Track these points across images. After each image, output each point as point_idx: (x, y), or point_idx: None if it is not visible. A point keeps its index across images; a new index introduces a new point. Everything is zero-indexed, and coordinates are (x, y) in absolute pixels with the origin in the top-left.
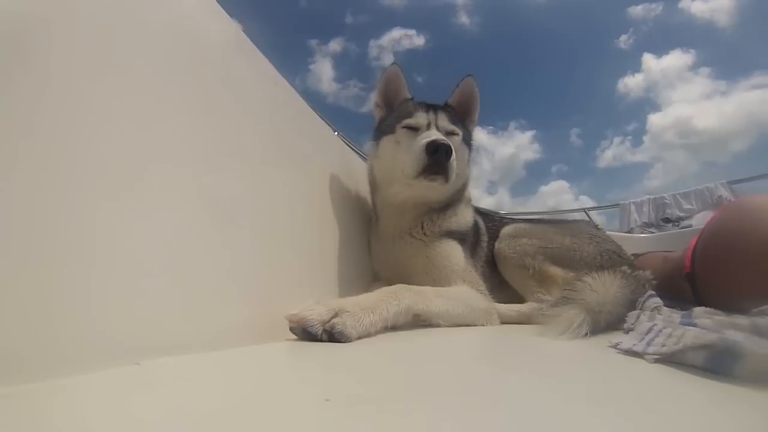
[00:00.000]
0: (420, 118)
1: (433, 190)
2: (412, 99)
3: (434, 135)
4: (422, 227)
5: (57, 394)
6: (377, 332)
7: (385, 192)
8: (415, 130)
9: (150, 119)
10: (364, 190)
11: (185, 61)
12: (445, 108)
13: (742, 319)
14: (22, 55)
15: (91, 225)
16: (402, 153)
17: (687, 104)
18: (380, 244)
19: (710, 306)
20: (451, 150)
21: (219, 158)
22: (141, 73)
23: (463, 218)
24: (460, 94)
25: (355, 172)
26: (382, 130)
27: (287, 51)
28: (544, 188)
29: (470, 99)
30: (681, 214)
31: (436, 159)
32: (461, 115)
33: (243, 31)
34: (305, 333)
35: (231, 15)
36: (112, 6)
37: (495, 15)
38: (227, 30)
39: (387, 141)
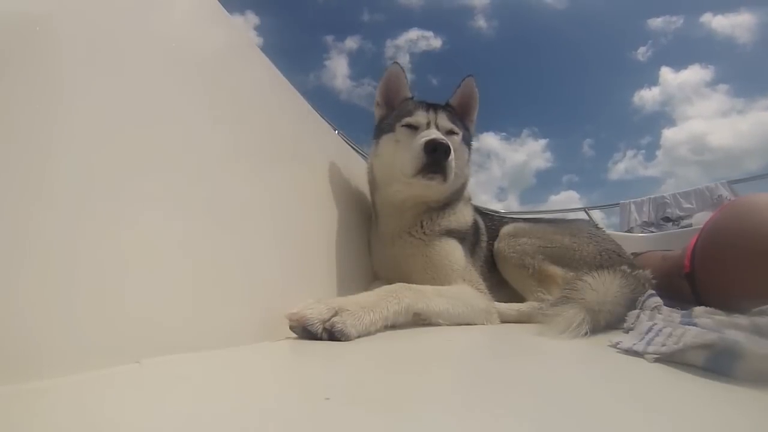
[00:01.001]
0: (420, 116)
1: (432, 189)
2: (412, 98)
3: (433, 134)
4: (422, 226)
5: (57, 392)
6: (377, 331)
7: (385, 191)
8: (414, 128)
9: (151, 119)
10: (365, 189)
11: (185, 61)
12: (446, 107)
13: (742, 319)
14: (22, 55)
15: (92, 224)
16: (401, 151)
17: (703, 120)
18: (380, 243)
19: (710, 305)
20: (450, 149)
21: (219, 158)
22: (141, 73)
23: (463, 217)
24: (461, 94)
25: (356, 172)
26: (382, 128)
27: (303, 46)
28: (554, 197)
29: (470, 99)
30: (681, 214)
31: (435, 158)
32: (462, 115)
33: (259, 25)
34: (305, 332)
35: (247, 9)
36: (111, 6)
37: (512, 20)
38: (227, 30)
39: (387, 139)
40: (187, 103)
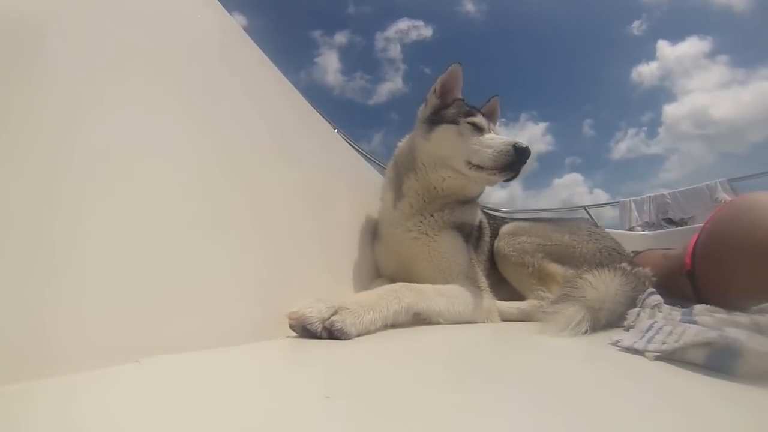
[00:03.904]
0: (483, 120)
1: (488, 183)
2: (463, 100)
3: (512, 139)
4: (442, 212)
5: (57, 391)
6: (377, 330)
7: (426, 173)
8: (479, 129)
9: (150, 118)
10: (365, 188)
11: (182, 58)
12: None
13: (742, 317)
14: (16, 52)
15: (92, 223)
16: (471, 144)
17: (703, 93)
18: (393, 224)
19: (711, 304)
20: (530, 155)
21: (218, 156)
22: (138, 70)
23: (475, 214)
24: (488, 108)
25: (355, 170)
26: (441, 117)
27: (292, 44)
28: (557, 181)
29: (494, 115)
30: (684, 216)
31: (519, 159)
32: None
33: (246, 26)
34: (305, 330)
35: (234, 10)
36: (109, 3)
37: (501, 1)
38: (225, 26)
39: (447, 129)
40: (187, 101)
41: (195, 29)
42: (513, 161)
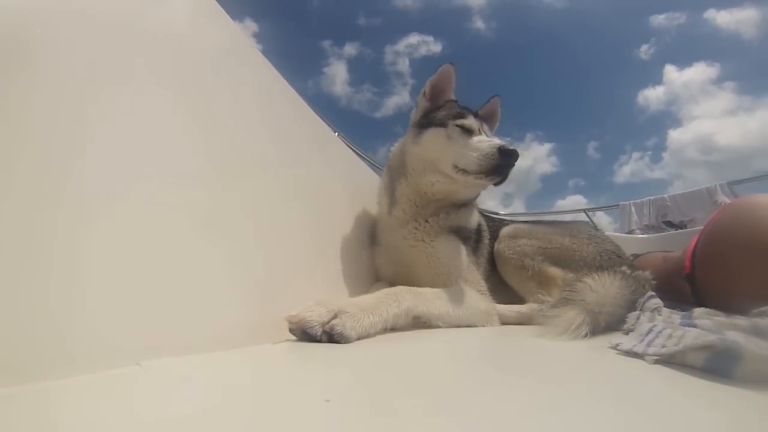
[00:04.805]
0: (473, 122)
1: (477, 188)
2: (456, 101)
3: (499, 141)
4: (437, 217)
5: (57, 394)
6: (377, 333)
7: (417, 178)
8: (468, 131)
9: (150, 121)
10: (365, 189)
11: (184, 62)
12: (483, 118)
13: (742, 320)
14: (17, 57)
15: (92, 225)
16: (455, 147)
17: (710, 120)
18: (388, 231)
19: (710, 306)
20: (518, 158)
21: (220, 159)
22: (140, 74)
23: (472, 218)
24: (488, 110)
25: (355, 173)
26: (431, 121)
27: (301, 53)
28: (560, 202)
29: (494, 116)
30: (683, 219)
31: (505, 163)
32: None
33: (257, 32)
34: (305, 334)
35: (246, 16)
36: (111, 7)
37: (510, 20)
38: (228, 32)
39: (435, 133)
40: (187, 104)
41: (199, 35)
42: (499, 165)
